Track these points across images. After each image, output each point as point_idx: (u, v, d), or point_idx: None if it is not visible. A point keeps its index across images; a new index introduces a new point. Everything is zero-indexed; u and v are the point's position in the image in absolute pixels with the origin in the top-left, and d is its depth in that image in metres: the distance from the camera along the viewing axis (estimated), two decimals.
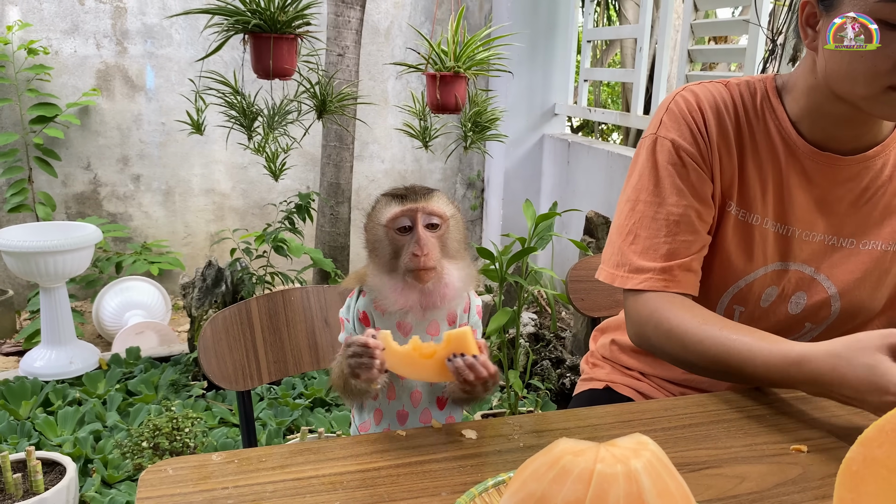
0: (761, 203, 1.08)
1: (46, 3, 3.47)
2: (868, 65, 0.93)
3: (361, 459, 0.80)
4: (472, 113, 2.56)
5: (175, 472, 0.77)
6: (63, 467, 1.90)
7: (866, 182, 1.08)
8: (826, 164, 1.07)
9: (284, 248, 2.93)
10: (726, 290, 1.12)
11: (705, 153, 1.07)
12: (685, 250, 1.06)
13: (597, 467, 0.56)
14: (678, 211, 1.06)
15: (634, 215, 1.09)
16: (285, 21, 2.17)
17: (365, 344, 0.82)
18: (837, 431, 0.88)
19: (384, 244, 0.89)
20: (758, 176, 1.08)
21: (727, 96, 1.09)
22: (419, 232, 0.87)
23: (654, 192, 1.07)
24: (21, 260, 2.68)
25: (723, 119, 1.07)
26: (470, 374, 0.83)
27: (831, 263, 1.10)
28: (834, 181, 1.08)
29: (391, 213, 0.88)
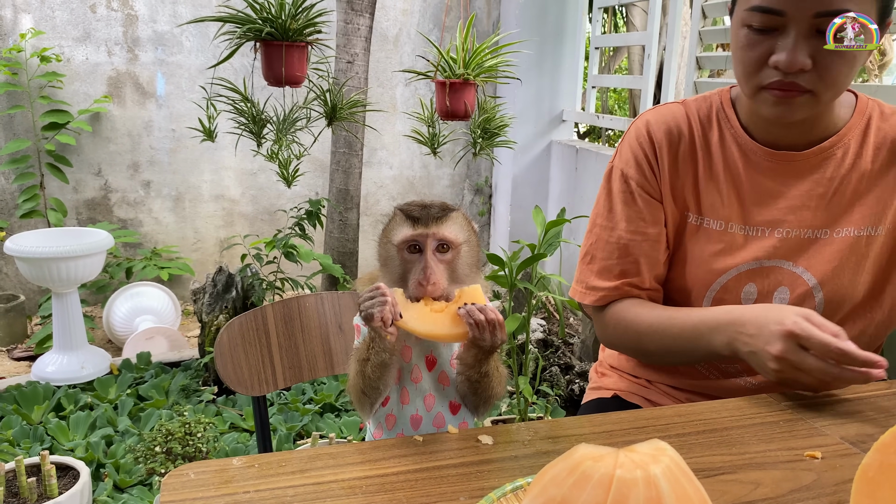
0: (723, 209, 1.14)
1: (59, 11, 3.51)
2: (742, 67, 1.04)
3: (380, 464, 0.81)
4: (482, 119, 2.57)
5: (197, 476, 0.78)
6: (76, 471, 1.92)
7: (830, 172, 1.11)
8: (784, 162, 1.12)
9: (294, 254, 2.95)
10: (705, 294, 1.16)
11: (652, 181, 1.17)
12: (635, 270, 1.17)
13: (616, 472, 0.56)
14: (627, 236, 1.17)
15: (591, 237, 1.22)
16: (296, 29, 2.19)
17: (376, 286, 0.84)
18: (851, 438, 0.89)
19: (394, 262, 0.91)
20: (716, 185, 1.15)
21: (681, 116, 1.18)
22: (427, 258, 0.88)
23: (608, 217, 1.20)
24: (33, 265, 2.70)
25: (674, 140, 1.16)
26: (480, 315, 0.85)
27: (808, 255, 1.12)
28: (796, 177, 1.12)
29: (403, 234, 0.89)
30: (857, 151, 1.11)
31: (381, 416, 0.96)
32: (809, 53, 0.98)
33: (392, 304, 0.84)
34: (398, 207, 0.93)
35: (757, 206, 1.13)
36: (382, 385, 0.90)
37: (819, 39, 0.97)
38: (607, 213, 1.20)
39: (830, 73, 0.99)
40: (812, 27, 0.97)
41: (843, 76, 1.01)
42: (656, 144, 1.17)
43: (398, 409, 0.95)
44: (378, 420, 0.97)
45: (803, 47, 0.98)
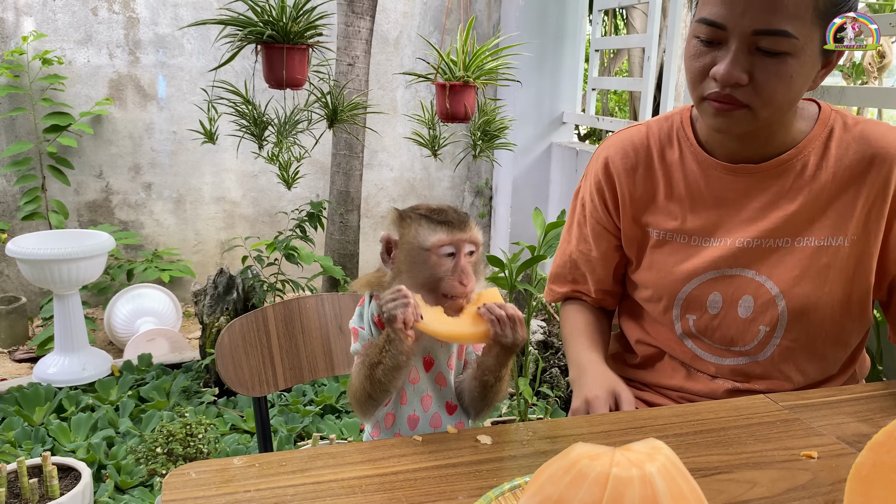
0: (684, 223, 1.19)
1: (60, 14, 3.52)
2: (689, 76, 1.07)
3: (379, 464, 0.82)
4: (482, 122, 2.58)
5: (198, 475, 0.79)
6: (78, 472, 1.92)
7: (790, 183, 1.13)
8: (743, 175, 1.15)
9: (295, 256, 2.96)
10: (673, 303, 1.20)
11: (605, 214, 1.25)
12: (583, 280, 1.33)
13: (612, 471, 0.57)
14: (577, 254, 1.31)
15: (555, 255, 1.38)
16: (297, 32, 2.20)
17: (398, 289, 0.85)
18: (847, 438, 0.89)
19: (424, 266, 0.90)
20: (678, 201, 1.19)
21: (641, 140, 1.23)
22: (462, 261, 0.90)
23: (568, 231, 1.34)
24: (35, 267, 2.71)
25: (631, 168, 1.22)
26: (501, 311, 0.87)
27: (770, 264, 1.13)
28: (756, 188, 1.14)
29: (437, 239, 0.89)
30: (817, 163, 1.12)
31: (381, 416, 0.97)
32: (746, 69, 1.00)
33: (414, 305, 0.85)
34: (419, 214, 0.93)
35: (718, 218, 1.16)
36: (393, 388, 0.90)
37: (758, 56, 1.00)
38: (568, 229, 1.35)
39: (766, 90, 1.01)
40: (752, 43, 0.99)
41: (780, 94, 1.02)
42: (615, 176, 1.23)
43: (396, 408, 0.96)
44: (377, 419, 0.97)
45: (741, 61, 1.00)
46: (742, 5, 0.98)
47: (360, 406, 0.93)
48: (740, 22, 0.98)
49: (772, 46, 0.99)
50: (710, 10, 1.01)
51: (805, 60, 1.01)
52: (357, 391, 0.91)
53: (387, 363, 0.87)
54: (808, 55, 1.00)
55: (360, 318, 0.96)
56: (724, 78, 1.01)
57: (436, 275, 0.89)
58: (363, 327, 0.95)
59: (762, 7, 0.97)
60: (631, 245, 1.25)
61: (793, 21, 0.97)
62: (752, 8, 0.98)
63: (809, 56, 1.01)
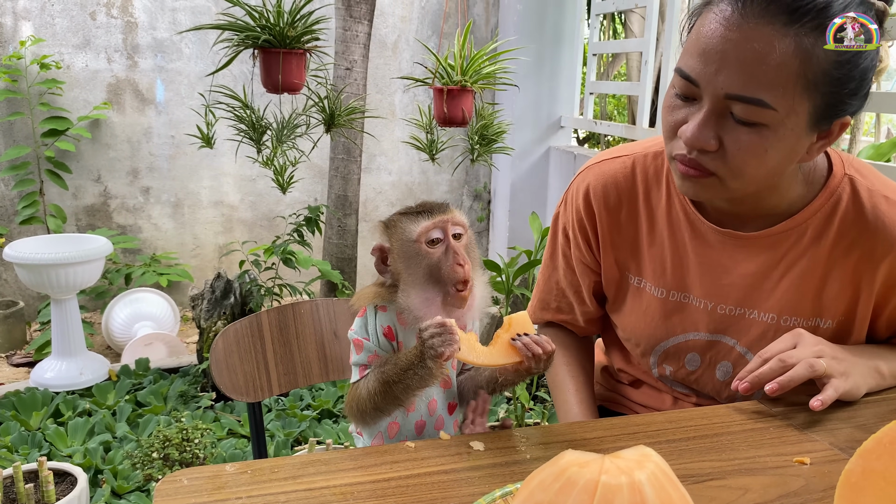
0: (664, 277, 1.11)
1: (59, 18, 3.52)
2: (663, 129, 0.98)
3: (371, 471, 0.82)
4: (479, 126, 2.58)
5: (190, 482, 0.79)
6: (74, 478, 1.92)
7: (782, 254, 1.04)
8: (730, 239, 1.05)
9: (293, 261, 2.96)
10: (651, 352, 1.16)
11: (585, 249, 1.17)
12: (569, 309, 1.25)
13: (601, 479, 0.57)
14: (565, 281, 1.23)
15: (539, 272, 1.29)
16: (294, 36, 2.20)
17: (442, 323, 0.83)
18: (839, 444, 0.89)
19: (417, 260, 0.89)
20: (659, 251, 1.11)
21: (625, 176, 1.12)
22: (452, 243, 0.89)
23: (552, 257, 1.25)
24: (33, 272, 2.71)
25: (613, 202, 1.12)
26: (538, 348, 0.86)
27: (752, 337, 1.08)
28: (745, 255, 1.05)
29: (421, 227, 0.89)
30: (815, 237, 1.02)
31: (383, 426, 0.96)
32: (716, 133, 0.90)
33: (457, 340, 0.83)
34: (399, 213, 0.93)
35: (700, 279, 1.08)
36: (407, 405, 0.91)
37: (731, 122, 0.89)
38: (551, 254, 1.25)
39: (735, 160, 0.90)
40: (725, 107, 0.88)
41: (751, 168, 0.91)
42: (596, 210, 1.13)
43: (402, 417, 0.95)
44: (378, 429, 0.97)
45: (710, 125, 0.89)
46: (717, 63, 0.87)
47: (361, 417, 0.92)
48: (713, 81, 0.87)
49: (745, 115, 0.87)
50: (687, 62, 0.90)
51: (784, 134, 0.89)
52: (363, 403, 0.90)
53: (411, 384, 0.87)
54: (790, 128, 0.88)
55: (364, 329, 0.94)
56: (689, 141, 0.91)
57: (431, 264, 0.89)
58: (367, 338, 0.93)
59: (738, 69, 0.86)
60: (610, 285, 1.18)
61: (772, 90, 0.85)
62: (727, 68, 0.86)
63: (792, 129, 0.89)
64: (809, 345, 0.98)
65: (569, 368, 1.24)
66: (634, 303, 1.15)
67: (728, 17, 0.86)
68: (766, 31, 0.84)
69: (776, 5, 0.84)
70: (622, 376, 1.29)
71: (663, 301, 1.12)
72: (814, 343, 0.98)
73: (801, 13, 0.84)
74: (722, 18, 0.87)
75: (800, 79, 0.85)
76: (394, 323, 0.93)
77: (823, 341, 1.00)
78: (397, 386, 0.87)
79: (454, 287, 0.89)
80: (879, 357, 1.06)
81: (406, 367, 0.86)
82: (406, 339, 0.93)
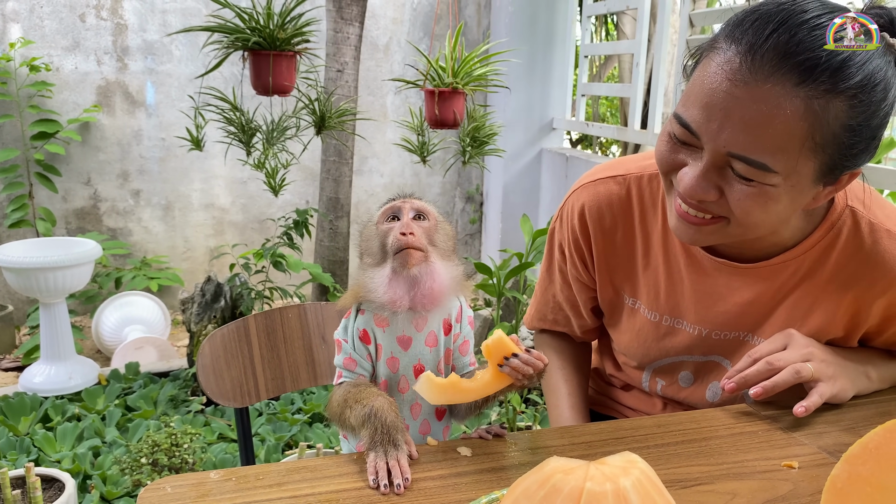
0: (658, 301, 1.10)
1: (48, 21, 3.50)
2: (658, 162, 0.94)
3: (357, 477, 0.81)
4: (471, 128, 2.58)
5: (174, 489, 0.78)
6: (62, 483, 1.90)
7: (777, 285, 1.02)
8: (725, 268, 1.03)
9: (283, 264, 2.95)
10: (644, 367, 1.17)
11: (581, 267, 1.16)
12: (566, 322, 1.25)
13: (586, 485, 0.57)
14: (562, 295, 1.22)
15: (537, 281, 1.29)
16: (284, 38, 2.19)
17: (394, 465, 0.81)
18: (828, 448, 0.89)
19: (374, 240, 0.92)
20: (654, 275, 1.09)
21: (620, 200, 1.09)
22: (405, 218, 0.91)
23: (548, 271, 1.24)
24: (21, 276, 2.69)
25: (608, 224, 1.10)
26: (528, 369, 0.85)
27: None
28: (741, 283, 1.04)
29: (381, 211, 0.94)
30: (812, 267, 1.00)
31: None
32: (716, 185, 0.87)
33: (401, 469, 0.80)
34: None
35: (695, 306, 1.07)
36: None
37: (731, 174, 0.86)
38: (548, 268, 1.25)
39: (737, 210, 0.87)
40: (726, 162, 0.85)
41: (755, 218, 0.87)
42: (590, 230, 1.11)
43: None
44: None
45: (711, 178, 0.87)
46: (719, 120, 0.82)
47: (335, 421, 0.92)
48: (715, 138, 0.83)
49: (746, 174, 0.84)
50: (688, 112, 0.86)
51: (790, 188, 0.85)
52: (335, 409, 0.91)
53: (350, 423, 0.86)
54: (796, 183, 0.85)
55: (345, 330, 0.95)
56: (688, 192, 0.88)
57: (382, 240, 0.90)
58: (346, 340, 0.94)
59: (742, 129, 0.81)
60: (604, 303, 1.17)
61: (776, 154, 0.81)
62: (730, 127, 0.82)
63: (795, 185, 0.85)
64: (799, 347, 0.98)
65: (563, 373, 1.24)
66: (629, 322, 1.15)
67: (735, 71, 0.81)
68: (774, 92, 0.79)
69: (788, 64, 0.78)
70: (613, 380, 1.29)
71: (656, 324, 1.11)
72: (804, 345, 0.98)
73: (814, 74, 0.78)
74: (728, 71, 0.81)
75: (806, 141, 0.81)
76: (370, 326, 0.92)
77: (814, 343, 1.00)
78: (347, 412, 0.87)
79: (395, 257, 0.88)
80: (869, 362, 1.06)
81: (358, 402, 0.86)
82: (385, 343, 0.92)
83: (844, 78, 0.79)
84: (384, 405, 0.84)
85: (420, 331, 0.92)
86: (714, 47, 0.85)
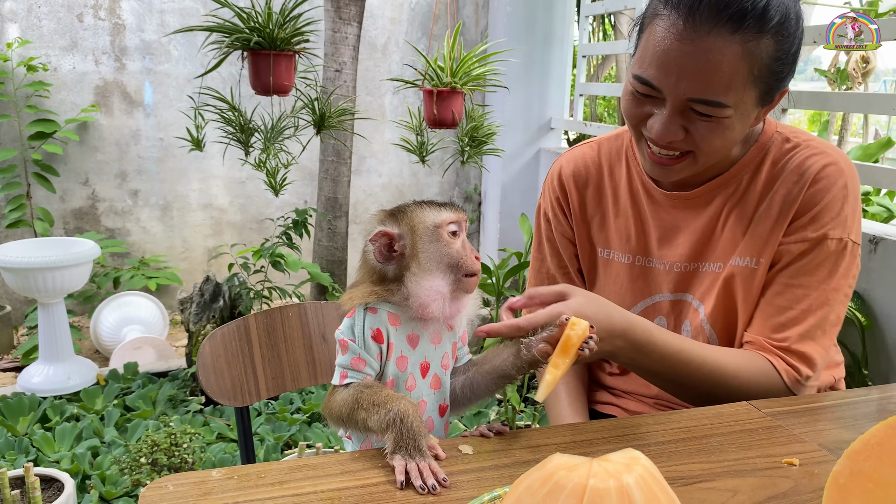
0: (629, 243, 1.21)
1: (46, 20, 3.50)
2: (626, 116, 1.07)
3: (359, 475, 0.81)
4: (469, 128, 2.58)
5: (175, 488, 0.78)
6: (61, 483, 1.90)
7: (721, 207, 1.13)
8: (677, 201, 1.16)
9: (282, 264, 2.94)
10: None
11: (565, 223, 1.26)
12: None
13: (590, 482, 0.57)
14: (553, 265, 1.29)
15: (529, 271, 1.35)
16: (284, 38, 2.19)
17: None
18: (828, 445, 0.89)
19: (438, 245, 0.90)
20: (624, 220, 1.22)
21: (592, 158, 1.25)
22: (465, 238, 0.92)
23: (538, 249, 1.32)
24: (19, 276, 2.69)
25: (581, 183, 1.25)
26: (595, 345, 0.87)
27: (704, 290, 1.15)
28: (693, 213, 1.15)
29: (446, 216, 0.91)
30: (746, 187, 1.13)
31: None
32: (682, 125, 1.01)
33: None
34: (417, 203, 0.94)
35: (660, 241, 1.18)
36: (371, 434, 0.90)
37: (693, 114, 1.00)
38: (538, 246, 1.33)
39: (703, 143, 1.02)
40: (686, 106, 0.99)
41: (718, 146, 1.03)
42: (567, 189, 1.25)
43: None
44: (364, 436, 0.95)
45: (676, 121, 1.01)
46: (676, 73, 0.97)
47: (337, 422, 0.91)
48: (675, 88, 0.98)
49: (706, 111, 0.99)
50: (646, 71, 1.00)
51: (740, 116, 1.01)
52: (334, 410, 0.89)
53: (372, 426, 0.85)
54: (743, 112, 1.01)
55: (350, 330, 0.92)
56: (659, 137, 1.02)
57: (451, 252, 0.90)
58: (353, 339, 0.91)
59: (696, 77, 0.97)
60: (584, 262, 1.27)
61: (727, 92, 0.97)
62: (686, 77, 0.97)
63: (744, 112, 1.01)
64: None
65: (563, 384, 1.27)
66: (606, 276, 1.24)
67: (681, 32, 0.96)
68: (716, 42, 0.95)
69: (723, 17, 0.94)
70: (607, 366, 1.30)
71: (629, 266, 1.21)
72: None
73: (744, 21, 0.95)
74: (675, 32, 0.96)
75: (748, 76, 0.97)
76: (384, 325, 0.91)
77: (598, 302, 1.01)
78: (363, 413, 0.86)
79: (465, 275, 0.91)
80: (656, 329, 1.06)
81: (378, 406, 0.85)
82: (396, 342, 0.91)
83: (768, 20, 0.96)
84: (409, 410, 0.84)
85: (427, 329, 0.92)
86: (657, 14, 1.00)
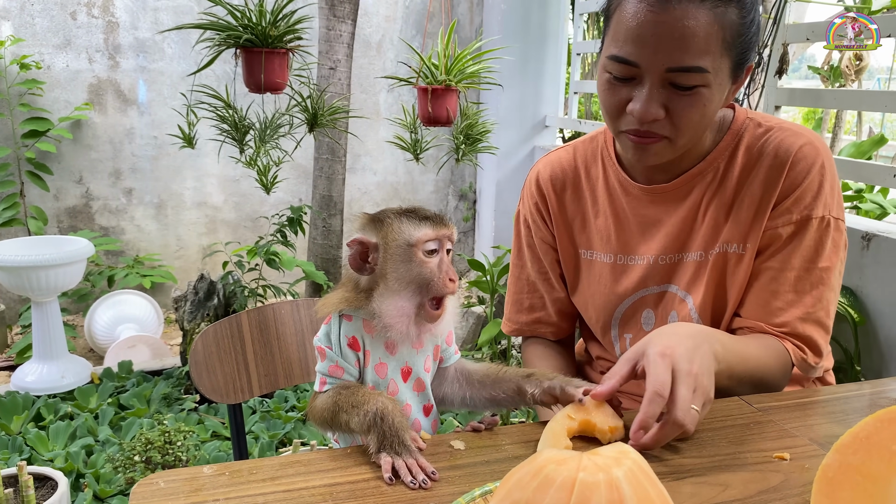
0: (610, 242, 1.21)
1: (39, 18, 3.49)
2: (604, 109, 1.08)
3: (351, 471, 0.81)
4: (464, 125, 2.57)
5: (166, 484, 0.78)
6: (55, 482, 1.90)
7: (700, 196, 1.14)
8: (656, 194, 1.17)
9: (276, 261, 2.94)
10: (610, 324, 1.23)
11: (545, 228, 1.27)
12: (541, 305, 1.31)
13: (579, 476, 0.57)
14: (533, 271, 1.30)
15: (509, 277, 1.36)
16: (277, 36, 2.19)
17: None
18: (818, 439, 0.90)
19: (411, 264, 0.87)
20: (603, 219, 1.22)
21: (568, 161, 1.26)
22: (445, 257, 0.88)
23: (518, 255, 1.33)
24: (13, 274, 2.68)
25: (559, 186, 1.26)
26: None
27: (689, 280, 1.16)
28: (673, 205, 1.16)
29: (423, 233, 0.87)
30: (724, 174, 1.13)
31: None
32: (662, 103, 1.01)
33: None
34: (395, 212, 0.90)
35: (641, 237, 1.19)
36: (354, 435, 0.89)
37: (672, 90, 1.00)
38: (517, 253, 1.33)
39: (682, 121, 1.02)
40: (665, 79, 1.00)
41: (696, 122, 1.03)
42: (545, 194, 1.26)
43: None
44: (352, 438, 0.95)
45: (656, 98, 1.01)
46: (653, 44, 0.98)
47: (322, 426, 0.91)
48: (653, 60, 0.99)
49: (685, 82, 0.99)
50: (621, 48, 1.00)
51: (716, 88, 1.02)
52: (317, 415, 0.90)
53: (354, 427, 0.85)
54: (719, 82, 1.02)
55: (327, 337, 0.91)
56: (641, 115, 1.01)
57: (423, 273, 0.86)
58: (330, 347, 0.91)
59: (674, 46, 0.97)
60: (567, 266, 1.27)
61: (704, 56, 0.98)
62: (664, 47, 0.98)
63: (720, 83, 1.02)
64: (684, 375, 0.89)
65: None
66: (589, 277, 1.24)
67: (653, 3, 0.97)
68: (688, 10, 0.97)
69: None
70: (600, 365, 1.31)
71: (612, 266, 1.21)
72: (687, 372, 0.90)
73: None
74: (648, 4, 0.98)
75: (722, 42, 0.99)
76: (360, 333, 0.90)
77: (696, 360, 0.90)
78: (344, 416, 0.86)
79: (432, 301, 0.87)
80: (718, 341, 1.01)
81: (357, 407, 0.84)
82: (373, 349, 0.90)
83: None
84: (388, 407, 0.83)
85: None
86: None
